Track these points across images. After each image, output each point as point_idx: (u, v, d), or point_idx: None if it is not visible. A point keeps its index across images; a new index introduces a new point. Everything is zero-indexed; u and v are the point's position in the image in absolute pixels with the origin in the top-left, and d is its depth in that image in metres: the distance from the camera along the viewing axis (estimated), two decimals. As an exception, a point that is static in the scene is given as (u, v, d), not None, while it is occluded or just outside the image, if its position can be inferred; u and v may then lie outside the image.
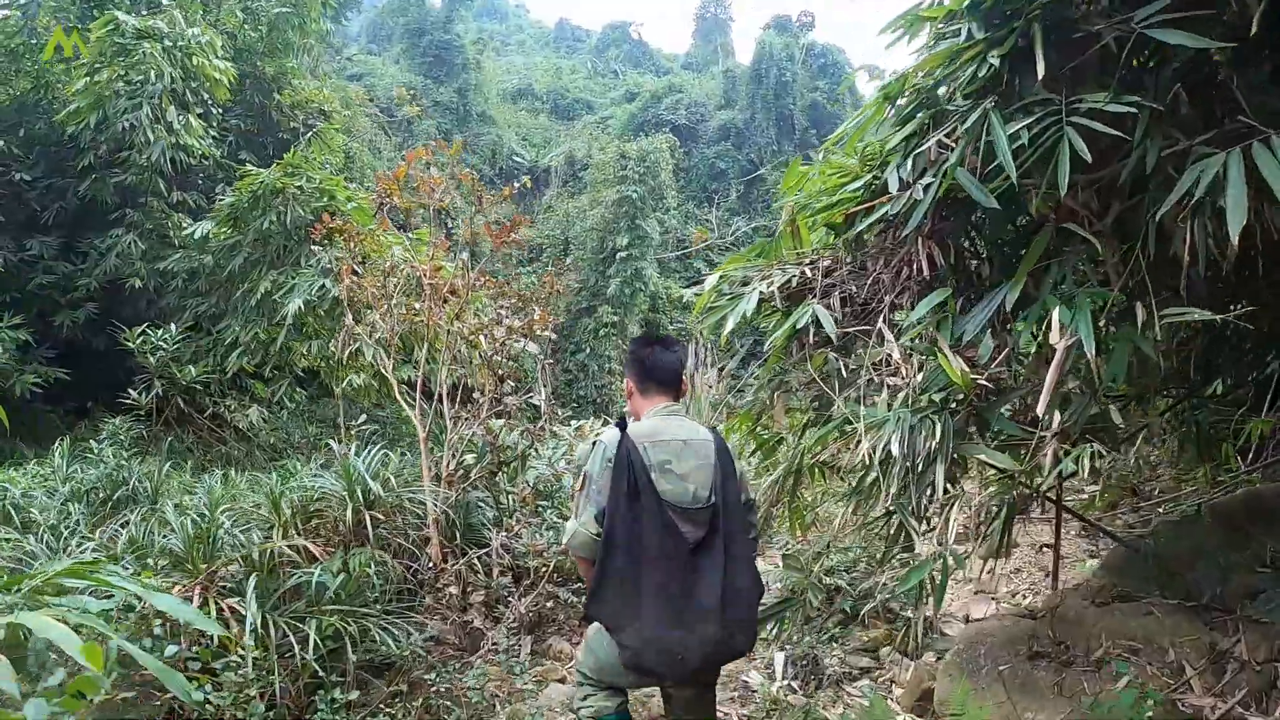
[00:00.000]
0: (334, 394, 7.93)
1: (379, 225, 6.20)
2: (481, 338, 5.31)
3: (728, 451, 3.05)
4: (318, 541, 4.38)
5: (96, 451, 5.95)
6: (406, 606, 4.66)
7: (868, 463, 2.99)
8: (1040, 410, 2.86)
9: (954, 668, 4.27)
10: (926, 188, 3.28)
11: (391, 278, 5.55)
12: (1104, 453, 3.26)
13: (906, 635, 5.64)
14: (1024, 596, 8.01)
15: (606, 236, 23.75)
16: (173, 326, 7.76)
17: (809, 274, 3.80)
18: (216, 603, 3.64)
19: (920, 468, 2.88)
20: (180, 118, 10.19)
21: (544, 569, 5.22)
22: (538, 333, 5.67)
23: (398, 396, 5.46)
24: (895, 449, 2.86)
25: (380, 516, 4.80)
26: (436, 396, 5.47)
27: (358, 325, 5.55)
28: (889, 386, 3.29)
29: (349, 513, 4.63)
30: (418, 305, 5.30)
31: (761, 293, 3.69)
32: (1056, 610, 4.52)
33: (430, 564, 4.90)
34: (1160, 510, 6.50)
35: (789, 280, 3.79)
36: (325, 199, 8.11)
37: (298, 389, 10.15)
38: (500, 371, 5.36)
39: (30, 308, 11.29)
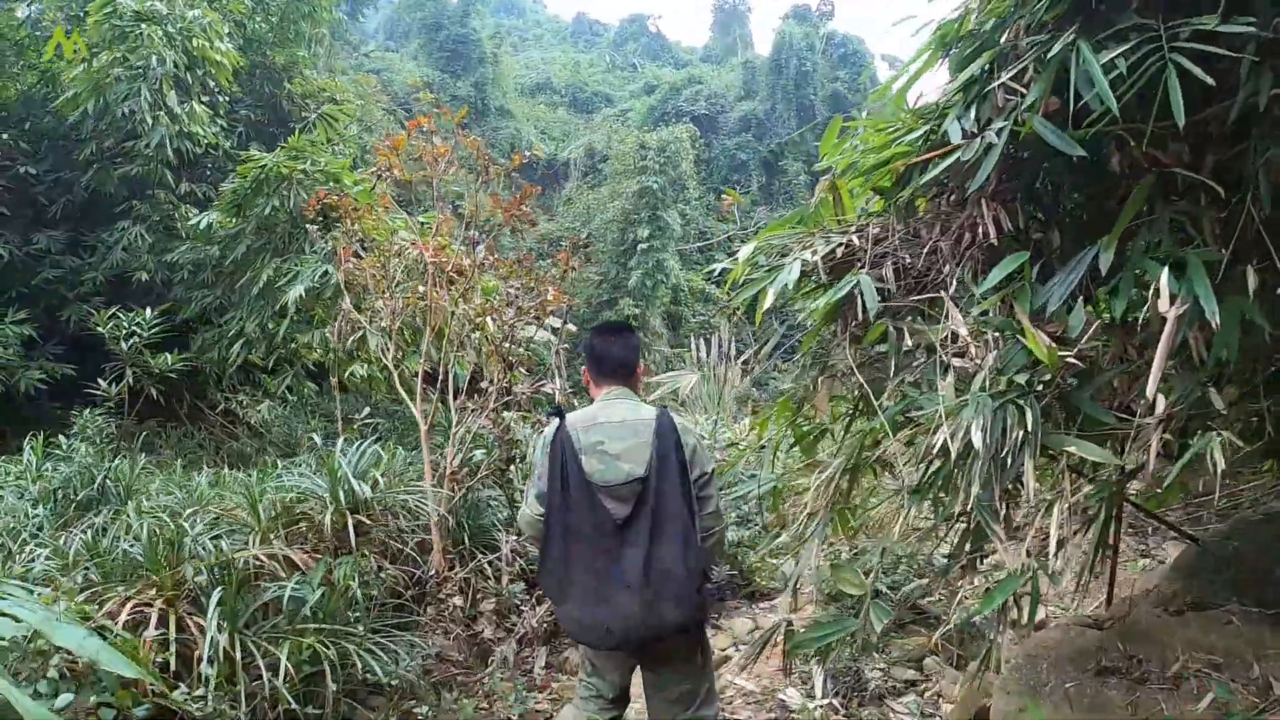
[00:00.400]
0: (343, 386, 7.49)
1: (380, 202, 5.66)
2: (489, 320, 4.81)
3: (671, 429, 3.04)
4: (304, 549, 3.91)
5: (67, 447, 5.48)
6: (404, 621, 4.18)
7: (944, 456, 2.51)
8: (1150, 392, 2.36)
9: (1013, 684, 3.78)
10: (999, 131, 2.78)
11: (394, 259, 5.10)
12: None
13: (957, 644, 5.17)
14: (1073, 600, 7.55)
15: (627, 228, 23.28)
16: (148, 310, 7.27)
17: (857, 242, 3.31)
18: (179, 621, 3.18)
19: (1008, 462, 2.39)
20: (183, 105, 9.77)
21: None
22: (550, 315, 5.18)
23: (398, 387, 4.98)
24: (978, 440, 2.36)
25: (368, 520, 4.29)
26: (440, 387, 4.99)
27: (357, 311, 5.08)
28: (955, 368, 2.80)
29: (329, 517, 4.11)
30: (422, 289, 4.81)
31: (804, 262, 3.20)
32: (1126, 620, 4.04)
33: (433, 572, 4.44)
34: (1219, 507, 6.01)
35: (833, 250, 3.31)
36: (330, 183, 7.65)
37: (309, 382, 9.77)
38: (509, 358, 4.86)
39: (37, 303, 10.95)
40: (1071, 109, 2.52)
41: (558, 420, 3.09)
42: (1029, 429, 2.35)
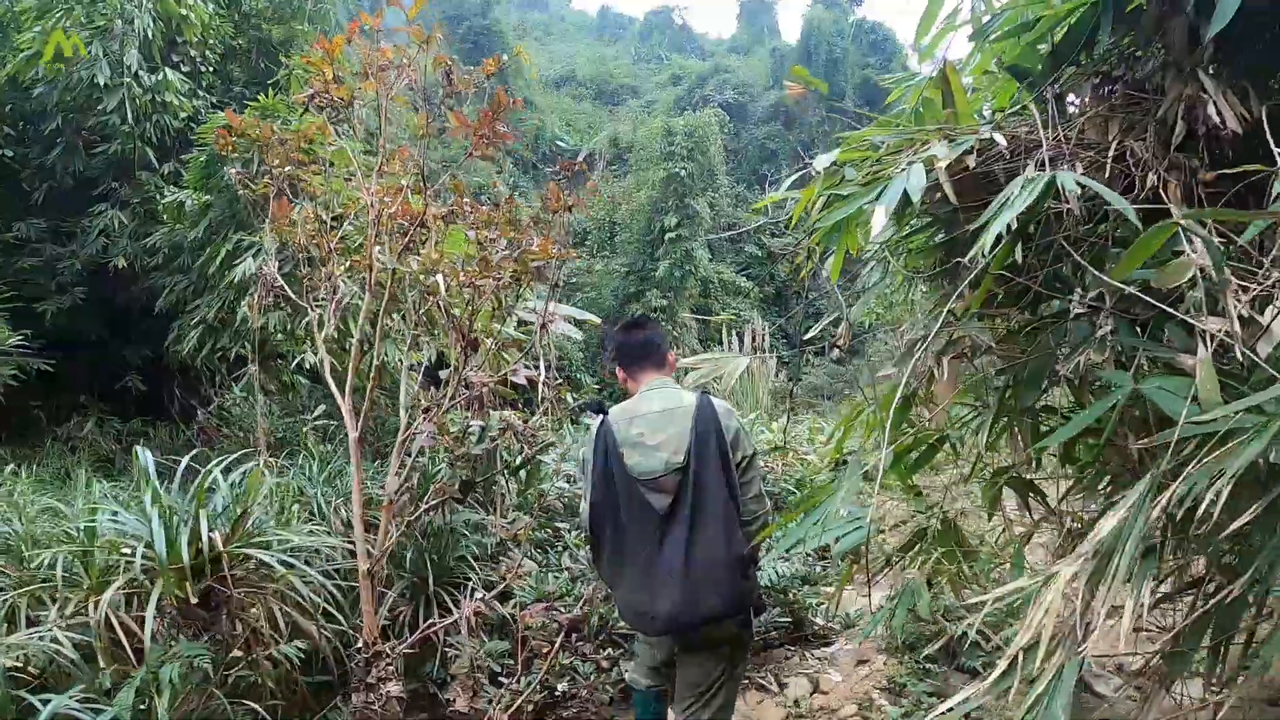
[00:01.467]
0: (323, 378, 6.27)
1: (321, 132, 4.30)
2: (439, 279, 3.49)
3: (711, 415, 2.96)
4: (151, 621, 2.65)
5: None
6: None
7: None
8: None
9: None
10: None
11: (338, 208, 3.90)
12: None
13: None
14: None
15: (654, 217, 21.96)
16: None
17: (1000, 143, 2.05)
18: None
19: None
20: (146, 68, 8.63)
21: (554, 629, 3.50)
22: (536, 269, 3.91)
23: (328, 380, 3.69)
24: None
25: (239, 582, 2.93)
26: (372, 378, 3.67)
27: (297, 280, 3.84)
28: (1208, 337, 1.58)
29: (159, 580, 2.68)
30: (378, 248, 3.54)
31: (935, 156, 1.96)
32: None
33: (360, 645, 3.22)
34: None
35: (962, 158, 2.07)
36: (304, 146, 6.45)
37: (302, 376, 8.65)
38: (471, 334, 3.53)
39: (17, 295, 9.90)
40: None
41: (601, 416, 3.08)
42: None
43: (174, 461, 3.62)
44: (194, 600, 2.61)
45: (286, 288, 3.87)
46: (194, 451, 4.01)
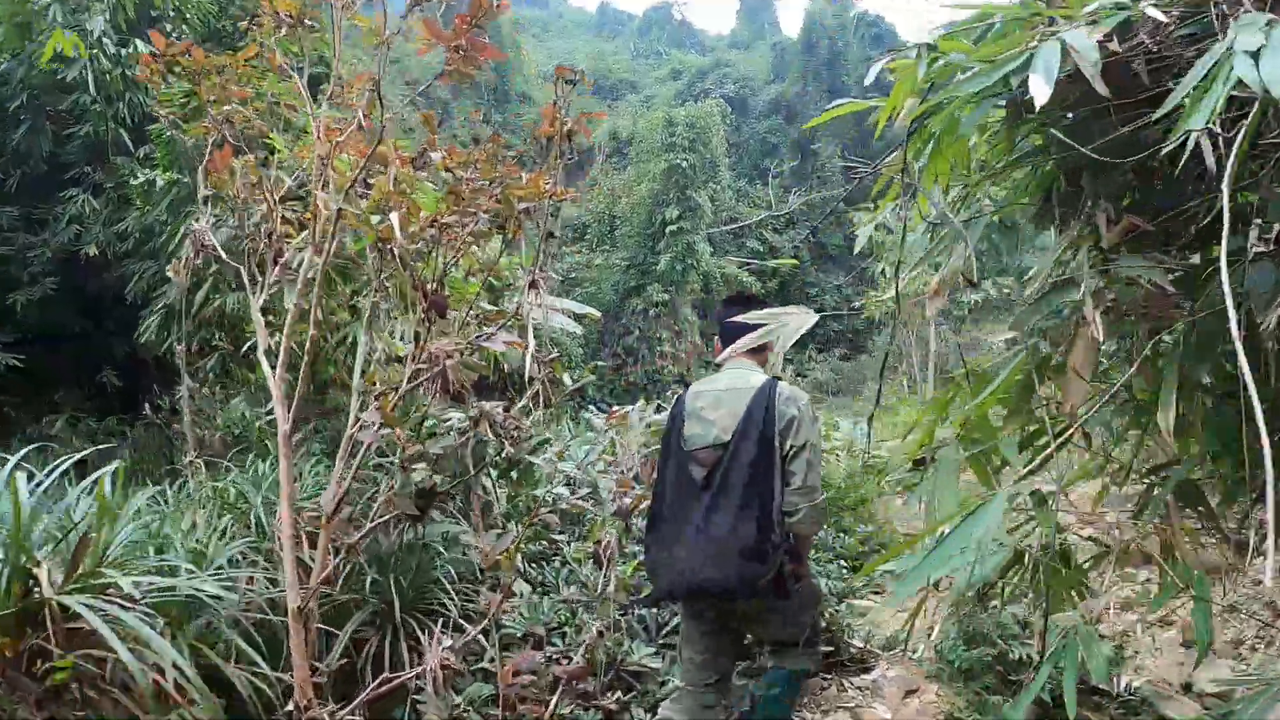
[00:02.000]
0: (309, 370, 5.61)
1: (267, 59, 3.51)
2: (394, 219, 2.74)
3: (767, 398, 2.96)
4: None
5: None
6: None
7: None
8: None
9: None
10: None
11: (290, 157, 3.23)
12: None
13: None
14: (1254, 647, 5.88)
15: (655, 210, 21.33)
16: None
17: (1160, 19, 1.43)
18: None
19: None
20: (115, 39, 7.99)
21: (549, 681, 2.84)
22: (524, 211, 3.21)
23: (262, 361, 2.97)
24: None
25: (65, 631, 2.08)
26: (309, 355, 2.94)
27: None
28: None
29: None
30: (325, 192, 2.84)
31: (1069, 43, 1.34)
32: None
33: (290, 708, 2.47)
34: None
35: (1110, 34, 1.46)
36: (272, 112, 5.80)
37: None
38: (435, 294, 2.80)
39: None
40: None
41: (682, 390, 3.27)
42: None
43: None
44: (21, 660, 1.96)
45: (220, 248, 3.20)
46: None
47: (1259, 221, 1.55)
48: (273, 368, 2.80)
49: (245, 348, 5.25)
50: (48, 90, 8.84)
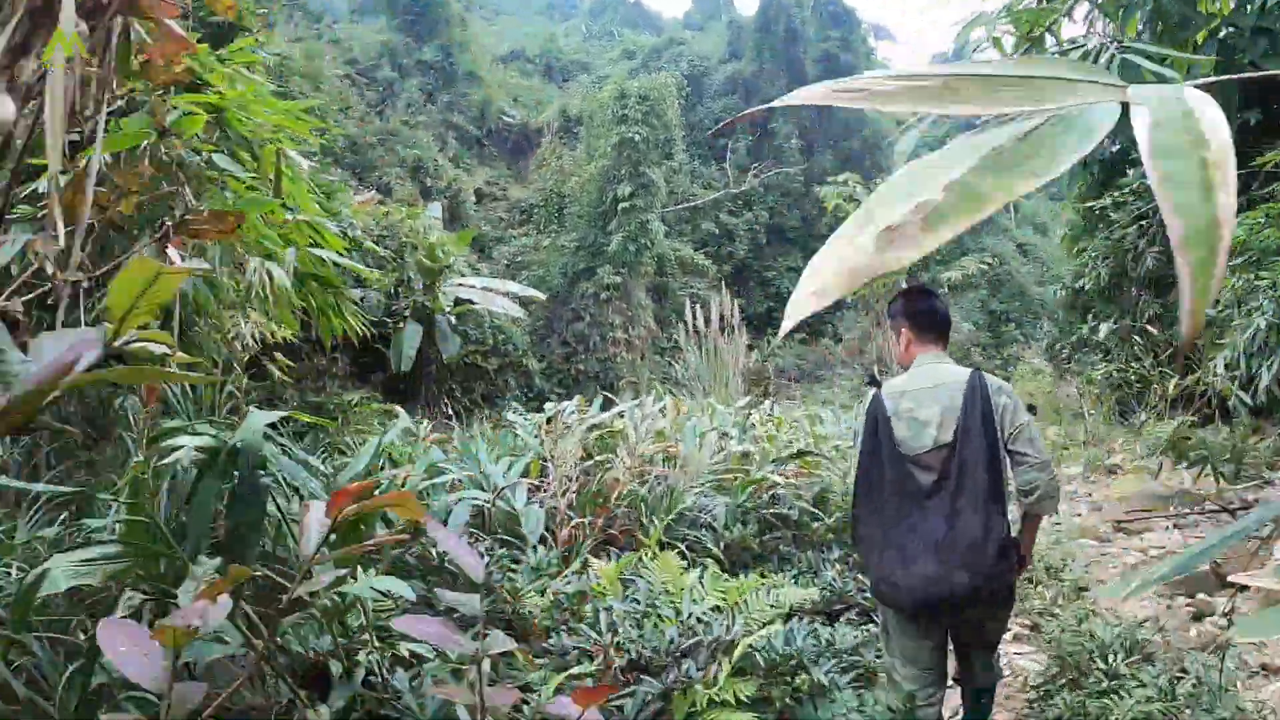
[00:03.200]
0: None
1: None
2: None
3: (982, 392, 2.91)
4: None
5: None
6: None
7: None
8: None
9: None
10: None
11: None
12: None
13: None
14: None
15: (606, 187, 19.80)
16: None
17: None
18: None
19: None
20: None
21: None
22: None
23: None
24: None
25: None
26: None
27: None
28: None
29: None
30: None
31: None
32: None
33: None
34: None
35: None
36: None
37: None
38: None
39: None
40: None
41: (874, 389, 3.10)
42: None
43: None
44: None
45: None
46: None
47: None
48: None
49: None
50: None
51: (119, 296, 1.41)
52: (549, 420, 5.79)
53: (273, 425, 3.09)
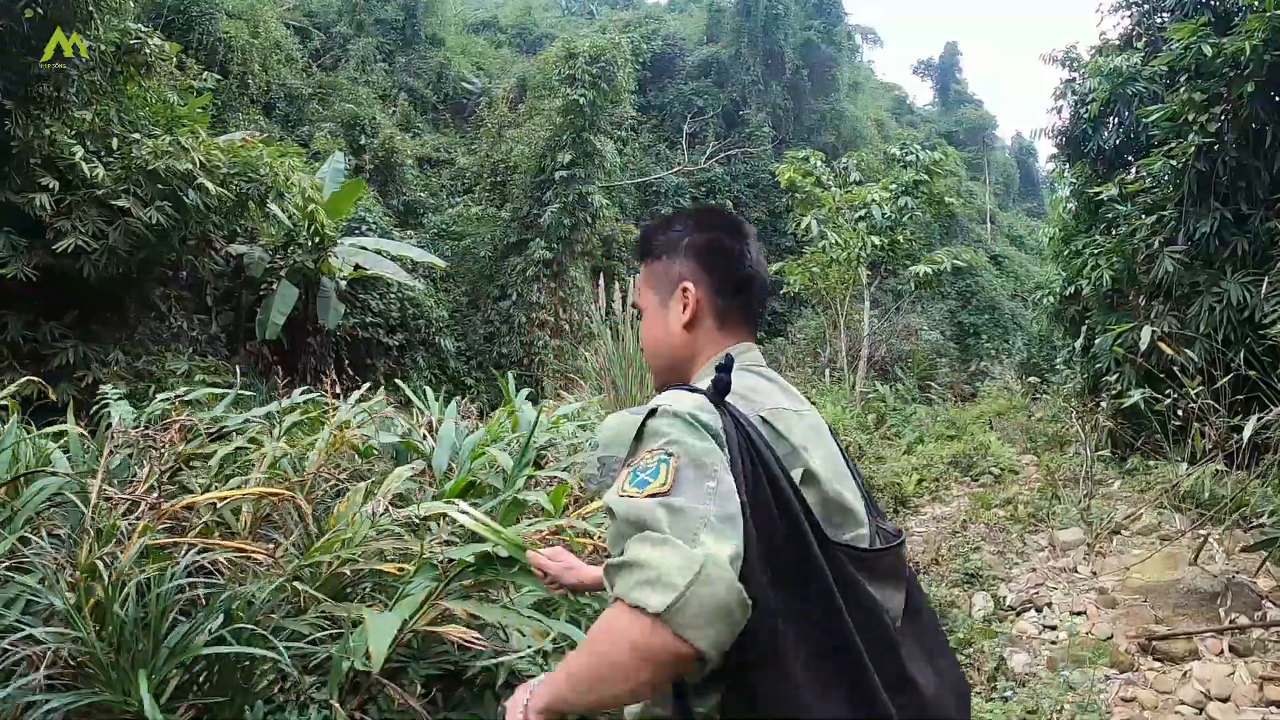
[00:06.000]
0: None
1: None
2: None
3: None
4: None
5: None
6: None
7: None
8: None
9: None
10: None
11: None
12: None
13: None
14: None
15: (547, 154, 17.20)
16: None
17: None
18: None
19: None
20: None
21: None
22: None
23: None
24: None
25: None
26: None
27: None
28: None
29: None
30: None
31: None
32: None
33: None
34: None
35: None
36: None
37: None
38: None
39: None
40: None
41: (701, 398, 1.29)
42: None
43: None
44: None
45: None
46: None
47: None
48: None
49: None
50: None
51: None
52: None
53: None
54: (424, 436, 4.17)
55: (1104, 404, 7.52)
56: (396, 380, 15.30)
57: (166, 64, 11.08)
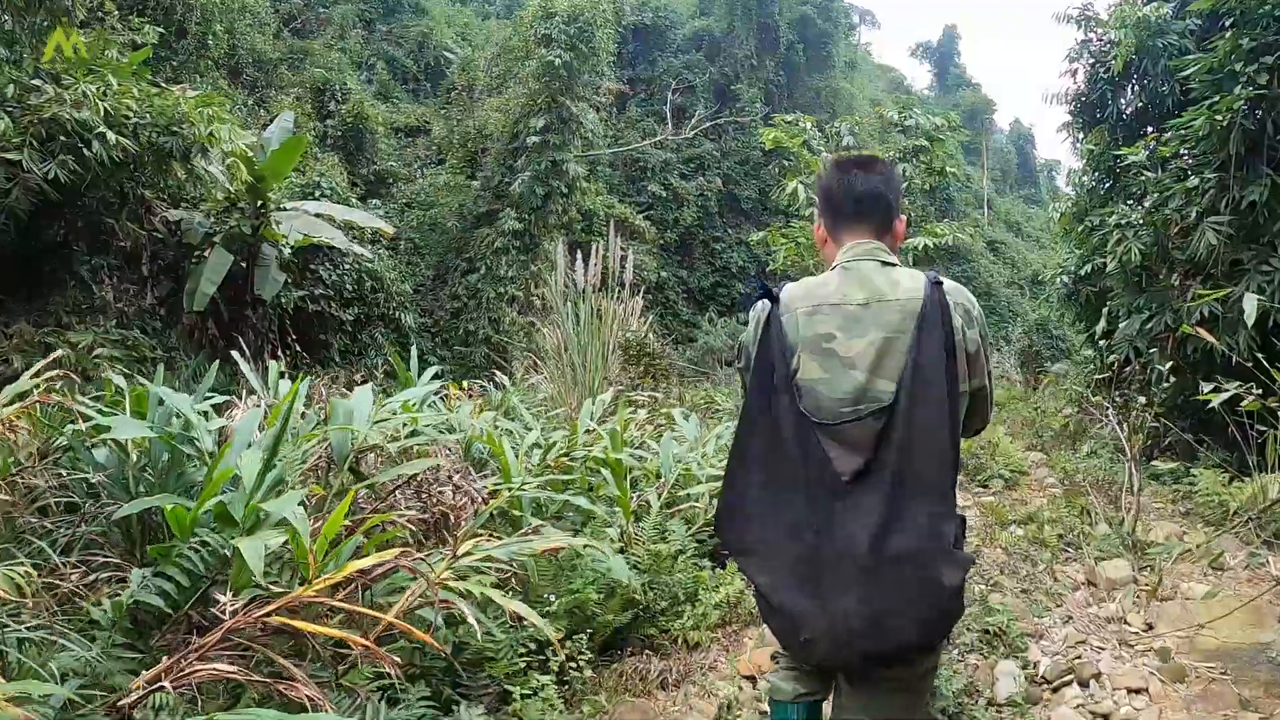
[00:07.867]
0: None
1: None
2: None
3: (945, 315, 1.65)
4: None
5: None
6: None
7: None
8: None
9: None
10: None
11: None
12: None
13: None
14: None
15: (520, 120, 15.84)
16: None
17: None
18: None
19: None
20: None
21: None
22: None
23: None
24: None
25: None
26: None
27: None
28: None
29: None
30: None
31: None
32: None
33: None
34: None
35: None
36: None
37: None
38: None
39: None
40: None
41: (766, 301, 1.80)
42: None
43: None
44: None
45: None
46: None
47: None
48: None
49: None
50: None
51: None
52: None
53: None
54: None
55: (1152, 398, 6.24)
56: (351, 356, 14.04)
57: (109, 18, 9.81)
